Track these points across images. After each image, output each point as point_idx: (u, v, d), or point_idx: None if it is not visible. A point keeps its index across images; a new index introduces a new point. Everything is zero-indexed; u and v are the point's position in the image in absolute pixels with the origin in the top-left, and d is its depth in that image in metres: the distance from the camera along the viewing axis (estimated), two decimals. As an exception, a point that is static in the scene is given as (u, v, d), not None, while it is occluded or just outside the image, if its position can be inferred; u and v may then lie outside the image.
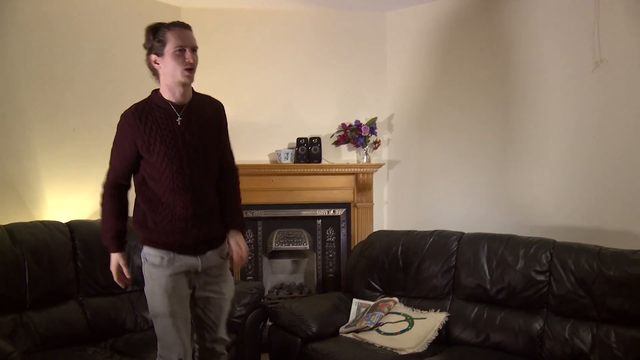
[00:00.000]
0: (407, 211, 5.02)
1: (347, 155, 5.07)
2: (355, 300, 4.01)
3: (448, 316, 3.69)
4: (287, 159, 4.84)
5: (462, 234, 3.93)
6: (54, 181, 3.90)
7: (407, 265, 3.99)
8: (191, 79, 2.59)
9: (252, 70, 4.92)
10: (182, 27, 2.58)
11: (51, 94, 3.91)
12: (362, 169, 4.96)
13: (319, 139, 4.89)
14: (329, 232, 5.07)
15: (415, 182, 4.97)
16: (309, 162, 4.85)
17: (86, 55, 4.10)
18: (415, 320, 3.68)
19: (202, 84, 4.67)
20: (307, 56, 5.01)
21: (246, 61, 4.90)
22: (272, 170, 4.85)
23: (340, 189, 5.00)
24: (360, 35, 5.08)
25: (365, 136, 4.91)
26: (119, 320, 3.59)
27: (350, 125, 4.96)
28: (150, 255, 2.66)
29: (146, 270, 2.68)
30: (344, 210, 5.05)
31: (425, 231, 4.09)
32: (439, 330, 3.60)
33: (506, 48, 4.41)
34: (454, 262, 3.84)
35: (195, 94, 2.71)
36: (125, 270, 2.72)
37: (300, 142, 4.87)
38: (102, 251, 3.54)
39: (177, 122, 2.60)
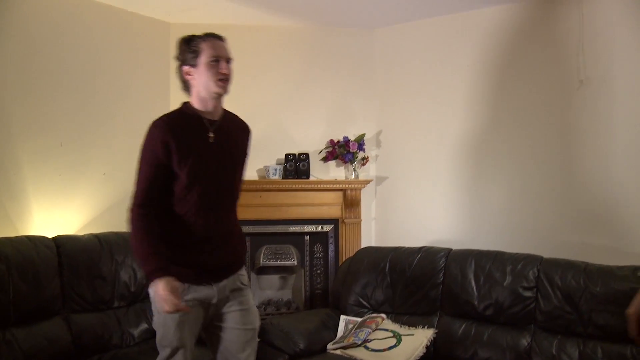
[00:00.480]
0: (395, 227, 5.03)
1: (335, 172, 5.08)
2: (343, 317, 4.00)
3: (436, 332, 3.69)
4: (276, 174, 4.84)
5: (450, 250, 3.94)
6: (41, 195, 3.87)
7: (394, 282, 3.99)
8: (226, 90, 2.51)
9: (241, 86, 4.90)
10: (216, 38, 2.52)
11: (38, 107, 3.89)
12: (350, 185, 4.96)
13: (307, 155, 4.90)
14: (317, 248, 5.06)
15: (403, 199, 4.98)
16: (297, 178, 4.85)
17: (74, 69, 4.10)
18: (403, 337, 3.67)
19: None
20: (295, 72, 5.03)
21: (235, 77, 4.89)
22: (260, 185, 4.85)
23: (328, 205, 5.00)
24: (349, 52, 5.11)
25: (354, 152, 4.93)
26: (105, 336, 3.55)
27: (338, 142, 4.97)
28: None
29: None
30: (332, 226, 5.05)
31: (413, 247, 4.10)
32: (427, 347, 3.59)
33: (493, 66, 4.46)
34: (441, 279, 3.85)
35: (225, 111, 2.62)
36: (178, 293, 2.36)
37: (288, 157, 4.87)
38: (88, 267, 3.54)
39: (209, 137, 2.50)
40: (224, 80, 2.47)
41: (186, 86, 2.54)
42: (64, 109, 4.03)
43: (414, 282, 3.92)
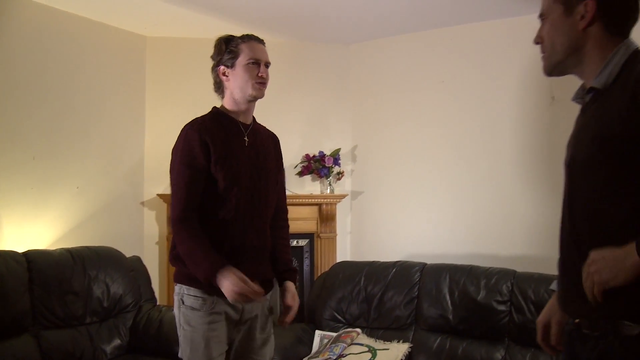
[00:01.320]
0: (370, 242, 5.04)
1: (311, 186, 5.08)
2: (317, 332, 3.99)
3: (411, 347, 3.69)
4: (251, 189, 4.82)
5: (425, 264, 3.96)
6: (12, 209, 3.80)
7: (370, 296, 3.99)
8: (262, 93, 2.40)
9: (215, 100, 4.91)
10: (256, 41, 2.41)
11: (11, 120, 3.84)
12: (325, 200, 4.97)
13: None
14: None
15: (378, 213, 5.00)
16: (272, 193, 4.84)
17: (48, 81, 4.06)
18: (378, 351, 3.66)
19: (168, 114, 4.68)
20: (271, 86, 4.95)
21: (210, 91, 4.88)
22: (236, 200, 4.82)
23: (303, 220, 5.00)
24: (325, 67, 5.14)
25: (329, 167, 4.94)
26: (76, 353, 3.48)
27: (314, 156, 4.98)
28: (189, 296, 2.28)
29: (182, 315, 2.29)
30: (307, 240, 5.04)
31: (388, 262, 4.11)
32: (402, 361, 3.60)
33: (466, 82, 4.52)
34: (416, 293, 3.86)
35: (254, 119, 2.52)
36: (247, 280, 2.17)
37: (263, 172, 4.86)
38: (60, 282, 3.48)
39: (245, 140, 2.39)
40: (261, 83, 2.38)
41: (219, 87, 2.45)
42: (37, 121, 3.99)
43: (389, 297, 3.93)
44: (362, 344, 3.77)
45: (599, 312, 1.44)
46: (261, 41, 2.43)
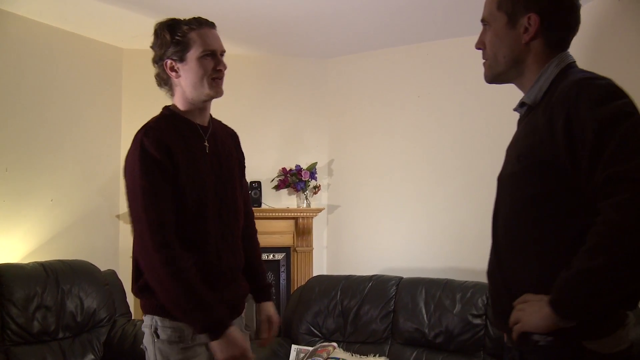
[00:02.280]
0: (347, 256, 5.05)
1: (287, 200, 5.08)
2: (294, 346, 3.97)
3: (387, 361, 3.70)
4: (227, 202, 4.81)
5: (401, 278, 3.98)
6: (-17, 223, 3.75)
7: (346, 310, 3.99)
8: (220, 91, 2.05)
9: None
10: (208, 26, 2.04)
11: (-17, 132, 3.80)
12: (302, 214, 4.97)
13: (259, 183, 4.90)
14: (268, 276, 5.03)
15: (354, 227, 5.02)
16: (249, 206, 4.83)
17: (23, 93, 4.01)
18: (354, 366, 3.67)
19: (143, 124, 4.64)
20: (248, 100, 5.04)
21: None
22: (212, 213, 4.80)
23: (280, 234, 4.99)
24: (302, 81, 5.16)
25: (306, 181, 4.95)
26: (48, 369, 3.43)
27: (290, 170, 4.99)
28: (164, 328, 1.96)
29: (158, 350, 1.97)
30: (283, 254, 5.04)
31: (364, 276, 4.11)
32: (378, 375, 3.60)
33: (442, 96, 4.57)
34: (392, 307, 3.87)
35: (211, 118, 2.19)
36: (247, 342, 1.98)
37: (240, 185, 4.85)
38: (32, 296, 3.42)
39: (205, 146, 2.06)
40: (218, 79, 2.03)
41: (165, 83, 2.10)
42: (10, 133, 3.93)
43: (365, 311, 3.93)
44: (338, 358, 3.76)
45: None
46: (212, 25, 2.06)
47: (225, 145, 2.17)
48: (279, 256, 5.03)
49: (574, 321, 1.33)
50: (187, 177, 1.96)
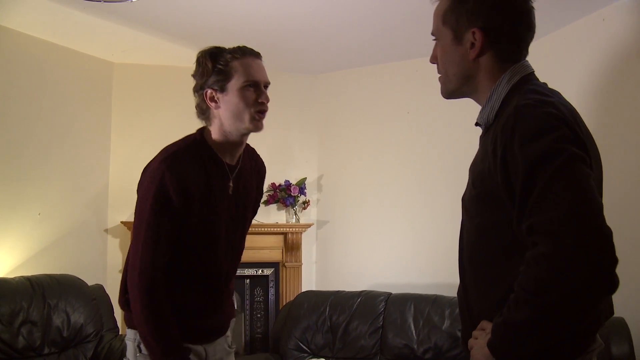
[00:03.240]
0: (336, 271, 5.04)
1: (276, 215, 5.07)
2: (282, 362, 3.95)
3: (375, 377, 3.68)
4: (216, 217, 4.80)
5: (390, 294, 3.98)
6: (-31, 236, 3.72)
7: (335, 326, 3.98)
8: (261, 125, 1.95)
9: (182, 127, 4.87)
10: (252, 56, 1.97)
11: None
12: (291, 229, 4.96)
13: (248, 197, 4.89)
14: (257, 291, 5.01)
15: (343, 243, 5.02)
16: (238, 221, 4.82)
17: (12, 105, 3.99)
18: (343, 382, 3.65)
19: (134, 140, 4.65)
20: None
21: (176, 118, 4.87)
22: (201, 228, 4.79)
23: (269, 249, 4.98)
24: (291, 97, 5.17)
25: (295, 196, 4.95)
26: (32, 385, 3.39)
27: (279, 185, 4.99)
28: None
29: None
30: (272, 270, 5.02)
31: (353, 291, 4.11)
32: (367, 392, 3.58)
33: (432, 113, 4.59)
34: (381, 323, 3.87)
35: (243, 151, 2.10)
36: None
37: (229, 200, 4.84)
38: (17, 311, 3.39)
39: (229, 186, 2.00)
40: (261, 112, 1.93)
41: (204, 113, 1.98)
42: (-2, 146, 3.92)
43: (353, 326, 3.92)
44: (326, 375, 3.75)
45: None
46: (257, 55, 1.99)
47: (247, 185, 2.11)
48: (267, 271, 5.01)
49: None
50: (200, 218, 1.92)
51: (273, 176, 5.05)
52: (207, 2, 3.66)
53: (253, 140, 2.09)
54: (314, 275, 5.17)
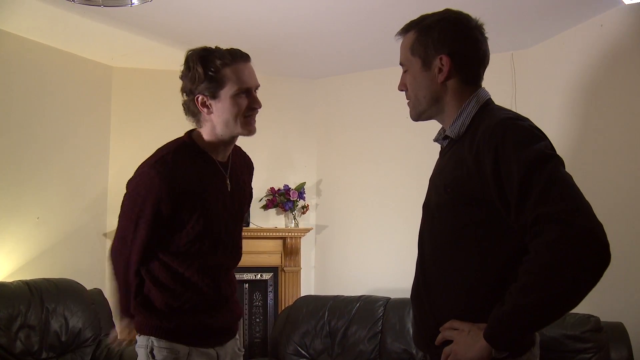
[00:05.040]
0: (335, 276, 5.04)
1: (275, 220, 5.07)
2: (281, 367, 3.95)
3: (374, 382, 3.68)
4: (215, 221, 4.80)
5: (388, 299, 3.98)
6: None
7: (334, 331, 3.98)
8: (254, 129, 2.02)
9: (181, 132, 4.89)
10: (242, 60, 1.95)
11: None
12: (290, 233, 4.96)
13: (247, 202, 4.89)
14: (256, 296, 5.01)
15: (342, 247, 5.01)
16: (237, 225, 4.82)
17: (10, 109, 4.00)
18: (341, 387, 3.64)
19: (133, 145, 4.64)
20: (237, 120, 5.05)
21: (175, 122, 4.87)
22: (200, 232, 4.78)
23: (267, 253, 4.98)
24: (291, 101, 5.18)
25: (294, 201, 4.95)
26: (30, 390, 3.38)
27: (279, 190, 4.99)
28: (160, 349, 1.95)
29: None
30: (271, 274, 5.02)
31: (351, 296, 4.11)
32: (365, 397, 3.58)
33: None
34: (380, 328, 3.86)
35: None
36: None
37: (228, 205, 4.84)
38: (15, 315, 3.38)
39: (227, 184, 2.04)
40: (252, 117, 2.00)
41: (194, 116, 1.99)
42: (-1, 150, 3.92)
43: (352, 331, 3.92)
44: (325, 380, 3.74)
45: (435, 349, 1.57)
46: (247, 58, 1.99)
47: (241, 181, 2.16)
48: (266, 276, 5.01)
49: (507, 352, 1.43)
50: (196, 210, 1.94)
51: (272, 181, 5.05)
52: (207, 7, 3.66)
53: (252, 144, 2.10)
54: (312, 279, 5.16)
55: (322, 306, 4.09)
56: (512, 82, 4.22)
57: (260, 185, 5.03)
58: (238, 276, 4.87)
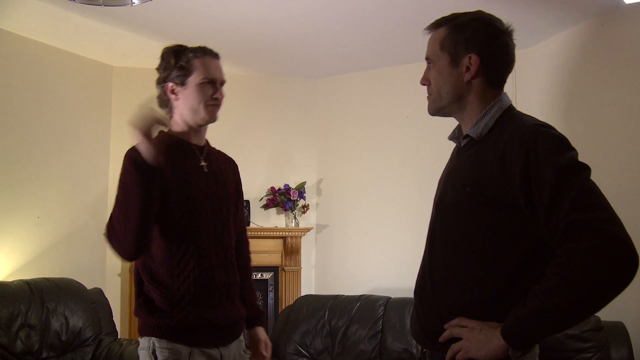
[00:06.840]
0: (335, 275, 5.04)
1: (276, 219, 5.08)
2: (281, 366, 3.95)
3: (375, 382, 3.68)
4: (216, 221, 4.80)
5: (389, 298, 3.97)
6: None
7: (334, 330, 3.98)
8: (216, 116, 2.15)
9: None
10: (211, 56, 2.15)
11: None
12: (290, 233, 4.96)
13: (247, 202, 4.89)
14: (256, 295, 5.01)
15: (343, 247, 5.01)
16: (237, 225, 4.82)
17: (11, 108, 4.00)
18: (342, 386, 3.64)
19: (132, 143, 4.63)
20: (237, 119, 5.05)
21: (177, 122, 4.90)
22: (200, 232, 4.79)
23: (268, 253, 4.98)
24: (291, 101, 5.18)
25: (294, 200, 4.95)
26: (30, 389, 3.38)
27: (279, 189, 4.99)
28: (162, 350, 1.97)
29: None
30: (271, 274, 5.02)
31: (352, 296, 4.10)
32: (366, 396, 3.58)
33: (430, 117, 4.59)
34: (380, 327, 3.86)
35: (208, 142, 2.27)
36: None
37: (229, 204, 4.85)
38: (15, 315, 3.38)
39: (202, 165, 2.15)
40: (215, 106, 2.13)
41: (166, 106, 2.15)
42: (1, 149, 3.91)
43: (353, 331, 3.92)
44: (325, 379, 3.74)
45: (439, 345, 1.57)
46: (216, 56, 2.18)
47: (222, 168, 2.25)
48: (267, 275, 5.01)
49: (523, 352, 1.43)
50: (180, 192, 2.03)
51: (272, 180, 5.05)
52: (207, 7, 3.67)
53: (253, 144, 2.12)
54: (313, 279, 5.16)
55: (322, 306, 4.09)
56: (512, 81, 4.22)
57: (260, 185, 5.03)
58: (238, 276, 4.89)
